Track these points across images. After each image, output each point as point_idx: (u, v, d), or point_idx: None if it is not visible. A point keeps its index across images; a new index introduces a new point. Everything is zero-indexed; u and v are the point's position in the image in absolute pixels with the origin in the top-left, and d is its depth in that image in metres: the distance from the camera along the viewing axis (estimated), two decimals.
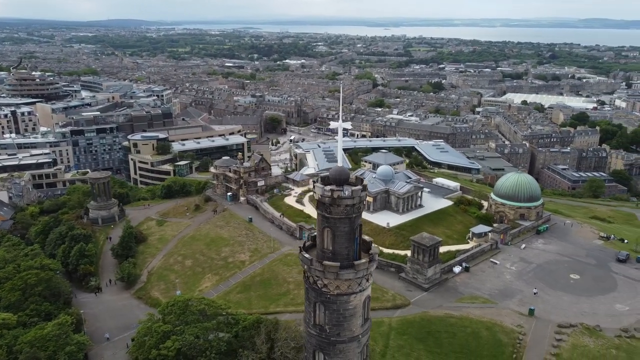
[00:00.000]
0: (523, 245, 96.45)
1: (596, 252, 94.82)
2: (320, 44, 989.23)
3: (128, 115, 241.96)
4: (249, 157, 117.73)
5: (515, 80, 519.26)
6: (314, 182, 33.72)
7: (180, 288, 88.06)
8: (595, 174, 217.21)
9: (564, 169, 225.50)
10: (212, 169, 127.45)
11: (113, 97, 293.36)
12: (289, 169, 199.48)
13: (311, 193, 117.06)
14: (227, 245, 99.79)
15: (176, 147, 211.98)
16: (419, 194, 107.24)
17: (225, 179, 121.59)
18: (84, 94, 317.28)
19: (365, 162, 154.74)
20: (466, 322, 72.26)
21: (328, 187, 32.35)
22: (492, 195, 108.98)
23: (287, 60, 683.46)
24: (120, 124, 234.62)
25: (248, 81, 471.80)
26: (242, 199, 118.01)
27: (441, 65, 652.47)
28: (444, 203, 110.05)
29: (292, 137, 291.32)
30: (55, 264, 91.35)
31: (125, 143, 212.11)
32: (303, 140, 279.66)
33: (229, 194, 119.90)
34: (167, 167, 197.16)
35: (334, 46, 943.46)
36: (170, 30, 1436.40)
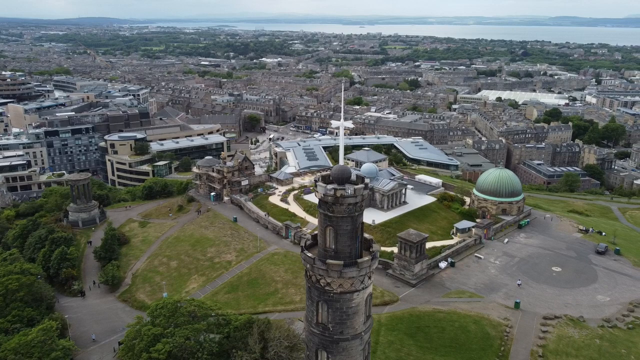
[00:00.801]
0: (506, 240, 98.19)
1: (576, 245, 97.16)
2: (296, 42, 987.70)
3: (104, 115, 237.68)
4: (230, 156, 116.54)
5: (489, 78, 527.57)
6: (315, 181, 33.72)
7: (166, 290, 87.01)
8: (569, 168, 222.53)
9: (540, 164, 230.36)
10: (194, 169, 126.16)
11: (88, 97, 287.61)
12: (270, 168, 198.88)
13: (296, 192, 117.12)
14: (213, 245, 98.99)
15: (154, 147, 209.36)
16: (403, 191, 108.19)
17: (209, 179, 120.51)
18: (57, 94, 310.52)
19: (348, 160, 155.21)
20: (454, 316, 73.25)
21: (330, 186, 32.41)
22: (475, 191, 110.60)
23: (263, 59, 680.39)
24: (96, 124, 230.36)
25: (225, 80, 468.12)
26: (226, 198, 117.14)
27: (417, 63, 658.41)
28: (428, 199, 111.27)
29: (271, 136, 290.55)
30: (36, 269, 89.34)
31: (102, 144, 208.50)
32: (282, 138, 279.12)
33: (212, 193, 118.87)
34: (146, 167, 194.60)
35: (310, 44, 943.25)
36: (143, 29, 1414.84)
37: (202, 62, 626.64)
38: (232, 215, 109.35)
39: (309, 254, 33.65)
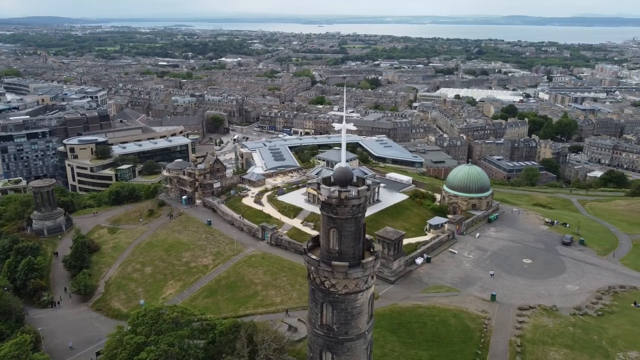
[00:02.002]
0: (477, 234, 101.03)
1: (543, 237, 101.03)
2: (255, 41, 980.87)
3: (61, 119, 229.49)
4: (201, 157, 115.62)
5: (447, 76, 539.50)
6: (318, 183, 33.93)
7: (142, 297, 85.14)
8: (527, 163, 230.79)
9: (499, 160, 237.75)
10: (164, 172, 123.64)
11: (43, 100, 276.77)
12: (235, 169, 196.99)
13: (269, 193, 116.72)
14: (188, 249, 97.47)
15: (117, 150, 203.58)
16: (377, 189, 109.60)
17: (180, 182, 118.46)
18: (9, 96, 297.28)
19: (319, 159, 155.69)
20: (434, 311, 74.89)
21: (334, 188, 32.71)
22: (445, 188, 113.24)
23: (223, 59, 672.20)
24: (53, 128, 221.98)
25: (185, 80, 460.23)
26: (198, 201, 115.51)
27: (376, 62, 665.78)
28: (400, 197, 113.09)
29: (235, 137, 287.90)
30: (1, 280, 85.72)
31: (61, 148, 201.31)
32: (247, 139, 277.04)
33: (184, 197, 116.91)
34: (109, 171, 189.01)
35: (269, 44, 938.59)
36: (96, 28, 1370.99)
37: (160, 63, 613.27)
38: (205, 218, 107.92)
39: (314, 257, 33.85)
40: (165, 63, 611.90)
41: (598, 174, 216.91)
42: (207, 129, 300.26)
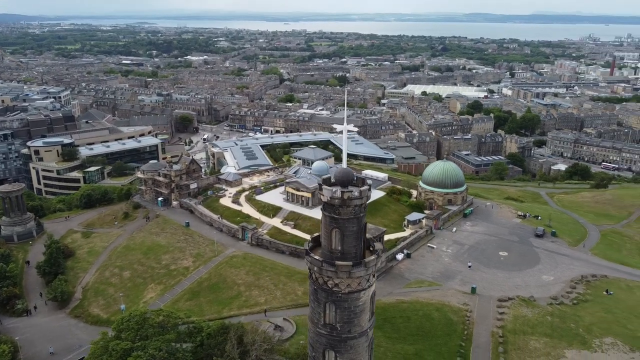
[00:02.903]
0: (454, 229, 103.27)
1: (517, 230, 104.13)
2: (221, 39, 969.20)
3: (24, 120, 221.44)
4: (175, 157, 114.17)
5: (413, 73, 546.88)
6: (320, 184, 34.26)
7: (123, 302, 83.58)
8: (494, 157, 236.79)
9: (467, 155, 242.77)
10: (139, 174, 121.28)
11: (2, 101, 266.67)
12: (207, 169, 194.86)
13: (247, 192, 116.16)
14: (167, 252, 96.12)
15: (84, 152, 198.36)
16: None
17: (155, 184, 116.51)
18: None
19: (295, 158, 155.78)
20: (417, 305, 76.35)
21: (335, 189, 33.10)
22: (421, 184, 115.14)
23: (188, 57, 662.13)
24: (15, 129, 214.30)
25: (150, 79, 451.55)
26: (175, 203, 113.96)
27: (343, 59, 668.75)
28: (377, 194, 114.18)
29: (205, 136, 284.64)
30: None
31: (25, 150, 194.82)
32: (217, 137, 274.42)
33: (159, 199, 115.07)
34: (76, 174, 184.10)
35: (235, 41, 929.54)
36: (55, 26, 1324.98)
37: (124, 61, 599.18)
38: (183, 220, 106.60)
39: (317, 257, 34.20)
40: (129, 62, 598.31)
41: (561, 167, 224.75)
42: (176, 129, 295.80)
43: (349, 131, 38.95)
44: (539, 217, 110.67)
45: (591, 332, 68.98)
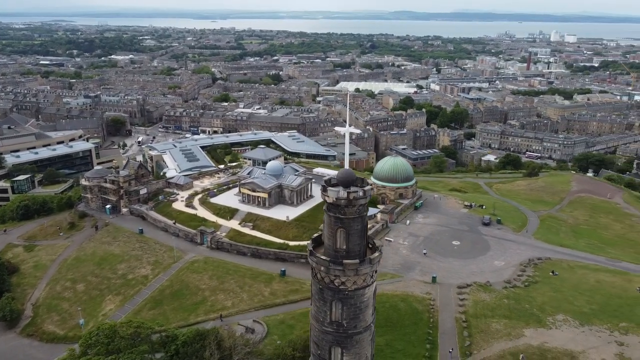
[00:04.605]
0: (408, 222, 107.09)
1: (465, 219, 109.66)
2: (147, 37, 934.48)
3: None
4: (114, 160, 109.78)
5: (344, 70, 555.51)
6: (323, 186, 35.01)
7: (81, 316, 79.82)
8: (430, 151, 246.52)
9: (404, 149, 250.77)
10: (83, 181, 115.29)
11: None
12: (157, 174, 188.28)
13: (200, 195, 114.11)
14: (122, 261, 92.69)
15: (9, 159, 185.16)
16: (309, 185, 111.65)
17: (101, 191, 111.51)
18: None
19: (245, 159, 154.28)
20: (383, 297, 78.64)
21: (342, 190, 34.01)
22: (373, 179, 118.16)
23: (113, 56, 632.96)
24: None
25: (74, 80, 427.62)
26: (124, 210, 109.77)
27: (275, 57, 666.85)
28: None
29: (139, 139, 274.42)
30: None
31: None
32: (154, 139, 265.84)
33: (107, 206, 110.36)
34: (3, 183, 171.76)
35: (162, 40, 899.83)
36: None
37: (42, 62, 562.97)
38: (135, 227, 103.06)
39: (323, 257, 34.99)
40: (47, 62, 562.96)
41: (491, 157, 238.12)
42: (108, 132, 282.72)
43: (292, 134, 39.71)
44: (484, 206, 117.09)
45: (544, 311, 74.44)
